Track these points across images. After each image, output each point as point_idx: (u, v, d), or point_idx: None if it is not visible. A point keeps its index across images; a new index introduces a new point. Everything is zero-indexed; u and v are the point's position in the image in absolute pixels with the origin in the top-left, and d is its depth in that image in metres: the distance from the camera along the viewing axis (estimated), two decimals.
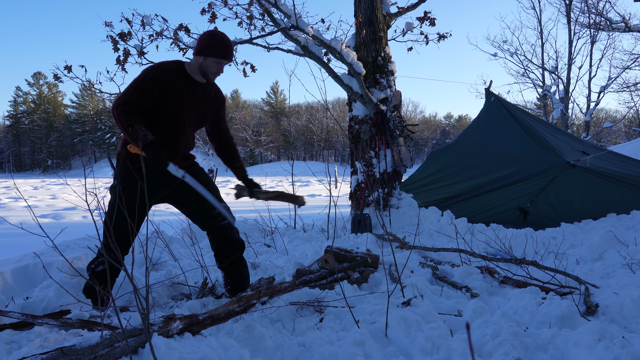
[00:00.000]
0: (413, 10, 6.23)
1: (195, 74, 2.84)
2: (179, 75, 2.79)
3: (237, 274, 3.04)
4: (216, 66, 2.81)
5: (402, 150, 5.65)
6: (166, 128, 2.80)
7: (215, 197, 2.91)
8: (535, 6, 21.91)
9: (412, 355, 2.16)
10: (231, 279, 3.04)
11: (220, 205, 2.91)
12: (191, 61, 2.85)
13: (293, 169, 6.67)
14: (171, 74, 2.76)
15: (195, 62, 2.82)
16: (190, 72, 2.84)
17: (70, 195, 15.29)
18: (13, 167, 66.19)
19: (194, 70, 2.83)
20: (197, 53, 2.80)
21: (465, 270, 3.43)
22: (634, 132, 31.27)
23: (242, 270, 3.06)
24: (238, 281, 3.04)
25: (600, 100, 21.08)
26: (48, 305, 2.74)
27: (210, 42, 2.78)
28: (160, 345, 1.91)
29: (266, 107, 72.96)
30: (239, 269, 3.04)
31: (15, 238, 6.96)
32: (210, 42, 2.78)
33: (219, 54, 2.78)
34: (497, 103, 6.87)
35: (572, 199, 5.58)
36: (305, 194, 12.35)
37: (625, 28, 15.04)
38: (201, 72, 2.82)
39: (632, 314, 2.44)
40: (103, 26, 5.07)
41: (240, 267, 3.05)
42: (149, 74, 2.71)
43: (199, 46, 2.79)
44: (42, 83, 65.46)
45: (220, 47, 2.79)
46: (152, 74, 2.71)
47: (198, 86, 2.87)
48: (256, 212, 5.99)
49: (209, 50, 2.77)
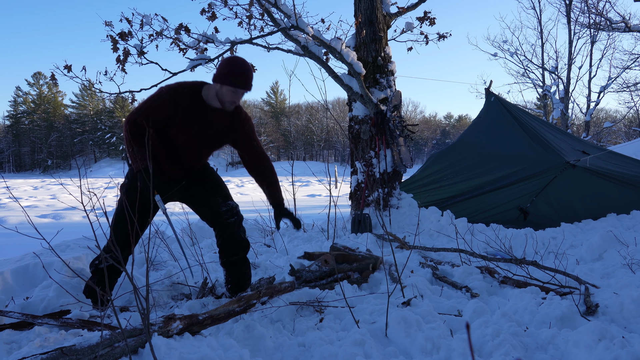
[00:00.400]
0: (413, 10, 6.23)
1: (213, 100, 2.76)
2: (192, 101, 2.73)
3: (238, 273, 3.03)
4: (232, 95, 2.71)
5: (402, 150, 5.65)
6: (176, 149, 2.80)
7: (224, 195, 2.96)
8: (535, 6, 21.91)
9: (412, 355, 2.16)
10: (232, 277, 3.03)
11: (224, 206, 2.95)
12: (211, 86, 2.77)
13: (293, 169, 6.67)
14: (183, 98, 2.70)
15: (213, 88, 2.75)
16: (205, 97, 2.76)
17: (68, 196, 15.28)
18: (13, 167, 66.19)
19: (211, 96, 2.75)
20: (215, 80, 2.71)
21: (465, 270, 3.43)
22: (634, 132, 31.27)
23: (244, 270, 3.05)
24: (239, 281, 3.03)
25: (600, 100, 21.08)
26: (48, 305, 2.74)
27: (228, 70, 2.67)
28: (160, 345, 1.91)
29: (266, 107, 72.98)
30: (241, 269, 3.03)
31: (15, 238, 6.95)
32: (228, 70, 2.67)
33: (235, 84, 2.68)
34: (497, 103, 6.87)
35: (572, 199, 5.57)
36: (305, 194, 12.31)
37: (625, 28, 15.04)
38: (218, 99, 2.74)
39: (632, 314, 2.44)
40: (103, 26, 5.07)
41: (242, 266, 3.04)
42: (159, 98, 2.68)
43: (218, 72, 2.70)
44: (42, 83, 65.49)
45: (237, 76, 2.67)
46: (163, 99, 2.67)
47: (213, 111, 2.79)
48: (256, 212, 5.99)
49: (226, 78, 2.67)
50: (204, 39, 5.19)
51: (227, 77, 2.66)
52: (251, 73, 2.74)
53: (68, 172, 58.86)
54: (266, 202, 3.40)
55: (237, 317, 2.54)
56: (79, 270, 3.15)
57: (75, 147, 66.44)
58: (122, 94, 5.25)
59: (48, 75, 4.70)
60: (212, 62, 5.27)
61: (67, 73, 4.97)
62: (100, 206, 2.00)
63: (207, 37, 5.19)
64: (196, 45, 5.30)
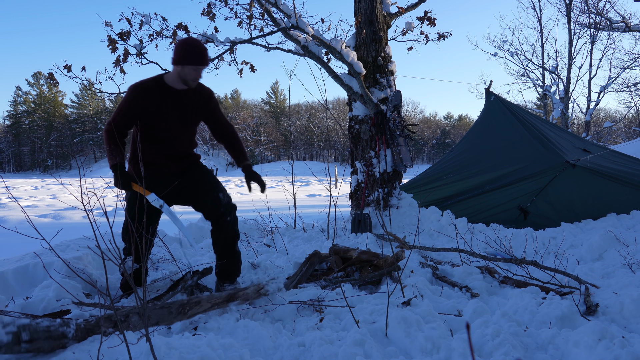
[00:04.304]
0: (413, 10, 6.23)
1: (177, 83, 2.97)
2: (158, 90, 2.93)
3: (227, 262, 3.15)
4: (194, 73, 2.92)
5: (402, 150, 5.65)
6: (159, 139, 3.00)
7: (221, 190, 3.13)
8: (535, 6, 21.92)
9: (412, 355, 2.15)
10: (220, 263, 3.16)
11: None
12: (171, 72, 2.97)
13: (293, 169, 6.67)
14: (149, 90, 2.91)
15: (174, 72, 2.95)
16: (170, 83, 2.97)
17: (68, 196, 15.28)
18: (13, 167, 66.17)
19: (175, 80, 2.96)
20: (175, 63, 2.91)
21: (465, 270, 3.42)
22: (634, 132, 31.26)
23: (231, 259, 3.16)
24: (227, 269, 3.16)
25: (600, 100, 21.07)
26: (48, 305, 2.74)
27: (185, 50, 2.87)
28: (160, 345, 1.91)
29: (266, 107, 72.99)
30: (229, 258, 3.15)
31: (15, 238, 6.95)
32: (185, 51, 2.87)
33: (195, 61, 2.88)
34: (497, 102, 6.87)
35: (572, 199, 5.57)
36: (305, 194, 12.31)
37: (625, 28, 15.04)
38: (181, 80, 2.95)
39: (632, 313, 2.44)
40: (103, 26, 5.06)
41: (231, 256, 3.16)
42: (130, 95, 2.90)
43: (175, 56, 2.90)
44: (42, 83, 65.51)
45: (196, 54, 2.89)
46: (133, 95, 2.89)
47: (180, 94, 2.99)
48: (256, 212, 5.99)
49: (185, 59, 2.86)
50: (204, 38, 5.19)
51: (187, 57, 2.86)
52: (206, 50, 2.94)
53: (68, 172, 58.85)
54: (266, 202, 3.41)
55: (238, 317, 2.54)
56: (79, 270, 3.15)
57: (75, 147, 66.42)
58: (122, 93, 5.25)
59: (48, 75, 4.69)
60: (211, 62, 5.26)
61: (67, 73, 4.96)
62: (100, 206, 2.00)
63: (207, 37, 5.19)
64: None
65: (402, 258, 3.28)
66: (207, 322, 2.49)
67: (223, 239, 3.14)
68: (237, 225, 3.19)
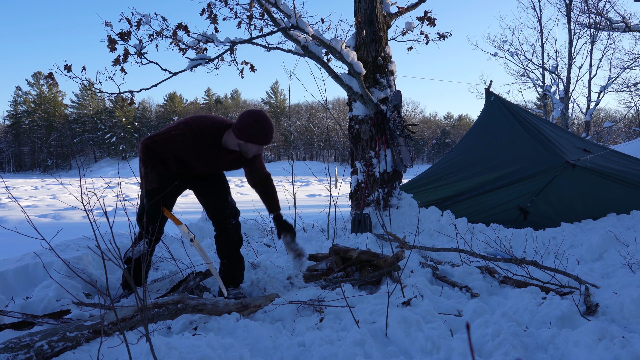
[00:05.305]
0: (413, 10, 6.22)
1: (232, 146, 2.92)
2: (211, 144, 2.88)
3: (230, 266, 3.17)
4: (256, 149, 2.88)
5: (402, 150, 5.65)
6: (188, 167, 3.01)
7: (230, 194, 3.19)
8: (535, 6, 21.89)
9: (412, 355, 2.15)
10: (225, 267, 3.17)
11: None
12: (230, 135, 2.88)
13: (293, 169, 6.67)
14: (204, 140, 2.86)
15: (233, 139, 2.87)
16: (225, 143, 2.91)
17: (69, 196, 15.28)
18: (13, 167, 66.18)
19: (232, 143, 2.90)
20: (239, 137, 2.82)
21: (465, 270, 3.42)
22: (634, 132, 31.27)
23: (236, 263, 3.17)
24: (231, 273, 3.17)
25: (600, 100, 21.05)
26: (48, 305, 2.74)
27: (254, 129, 2.78)
28: (160, 345, 1.91)
29: (266, 107, 72.97)
30: (233, 262, 3.17)
31: (15, 238, 6.95)
32: (254, 130, 2.78)
33: (262, 142, 2.82)
34: (497, 102, 6.87)
35: (572, 199, 5.57)
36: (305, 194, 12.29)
37: (625, 28, 15.04)
38: (241, 151, 2.90)
39: (632, 313, 2.44)
40: (103, 26, 5.05)
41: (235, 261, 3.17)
42: (181, 136, 2.83)
43: (242, 130, 2.79)
44: (42, 83, 65.49)
45: (264, 135, 2.81)
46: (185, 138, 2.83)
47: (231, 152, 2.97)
48: (256, 212, 5.98)
49: (253, 137, 2.80)
50: (204, 38, 5.19)
51: (255, 137, 2.80)
52: (272, 128, 2.86)
53: (68, 172, 58.86)
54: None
55: (238, 317, 2.54)
56: (79, 270, 3.15)
57: (75, 147, 66.43)
58: (122, 93, 5.25)
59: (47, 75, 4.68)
60: (211, 62, 5.26)
61: (67, 73, 4.96)
62: (100, 206, 1.99)
63: (207, 37, 5.19)
64: (196, 45, 5.29)
65: (402, 258, 3.28)
66: (207, 322, 2.49)
67: (228, 244, 3.14)
68: (240, 230, 3.21)
